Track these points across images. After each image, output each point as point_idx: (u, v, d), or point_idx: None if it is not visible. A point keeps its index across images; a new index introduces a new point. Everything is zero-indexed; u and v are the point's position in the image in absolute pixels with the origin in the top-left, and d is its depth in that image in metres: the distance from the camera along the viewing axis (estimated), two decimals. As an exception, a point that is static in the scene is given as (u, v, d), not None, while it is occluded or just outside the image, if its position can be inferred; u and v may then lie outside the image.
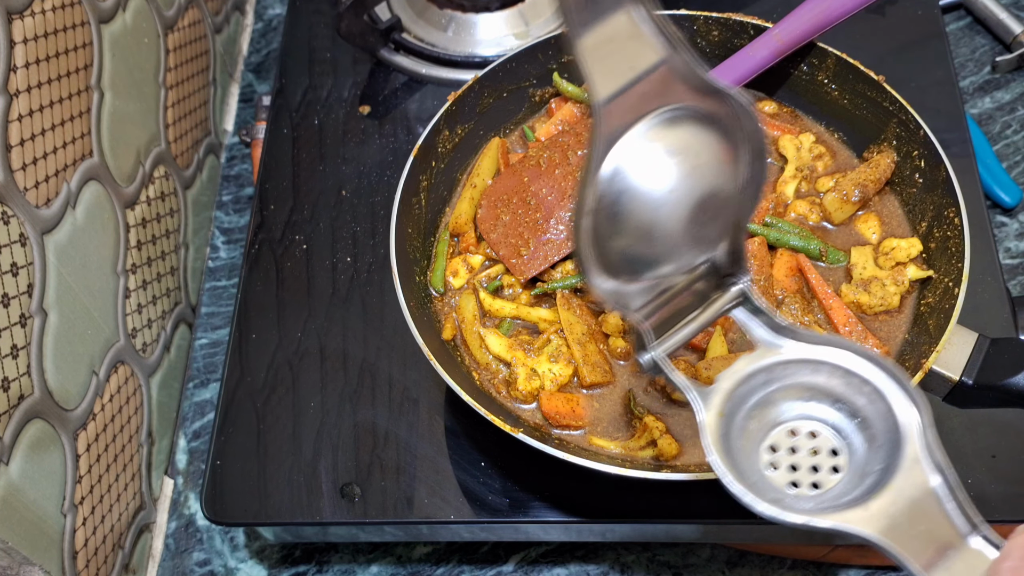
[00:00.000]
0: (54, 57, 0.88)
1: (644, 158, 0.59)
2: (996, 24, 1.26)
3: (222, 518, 0.90)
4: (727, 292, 0.69)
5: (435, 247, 0.98)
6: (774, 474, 0.63)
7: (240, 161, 1.28)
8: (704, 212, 0.62)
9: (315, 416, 0.95)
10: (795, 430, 0.64)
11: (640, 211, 0.60)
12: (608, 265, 0.62)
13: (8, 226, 0.80)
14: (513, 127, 1.07)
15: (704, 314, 0.70)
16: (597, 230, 0.60)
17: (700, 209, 0.62)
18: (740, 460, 0.62)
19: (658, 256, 0.63)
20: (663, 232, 0.62)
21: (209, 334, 1.14)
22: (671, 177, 0.60)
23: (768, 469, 0.63)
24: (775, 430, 0.64)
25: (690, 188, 0.61)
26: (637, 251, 0.62)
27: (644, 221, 0.60)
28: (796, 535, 0.92)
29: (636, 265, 0.64)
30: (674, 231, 0.62)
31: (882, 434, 0.60)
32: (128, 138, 1.04)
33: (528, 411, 0.87)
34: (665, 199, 0.60)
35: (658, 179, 0.60)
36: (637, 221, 0.60)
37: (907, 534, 0.55)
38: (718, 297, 0.69)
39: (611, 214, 0.60)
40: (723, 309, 0.70)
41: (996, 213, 1.14)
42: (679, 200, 0.60)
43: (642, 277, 0.65)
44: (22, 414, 0.81)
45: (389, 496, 0.90)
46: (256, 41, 1.38)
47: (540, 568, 0.98)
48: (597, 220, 0.60)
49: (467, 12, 1.22)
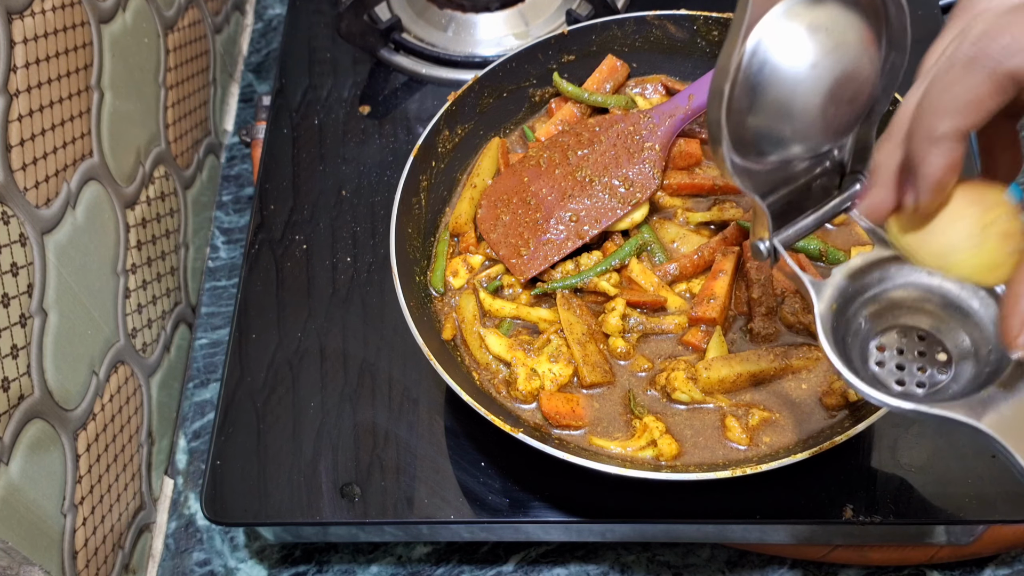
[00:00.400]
0: (54, 57, 0.88)
1: (788, 32, 0.59)
2: (996, 24, 1.26)
3: (222, 518, 0.90)
4: (850, 188, 0.69)
5: (435, 247, 0.98)
6: (881, 371, 0.64)
7: (240, 161, 1.28)
8: (842, 93, 0.62)
9: (315, 416, 0.95)
10: (904, 331, 0.65)
11: (780, 85, 0.60)
12: (738, 141, 0.62)
13: (8, 226, 0.80)
14: (513, 127, 1.07)
15: (823, 208, 0.70)
16: (733, 103, 0.60)
17: (839, 89, 0.62)
18: (849, 354, 0.63)
19: (790, 136, 0.63)
20: (800, 109, 0.61)
21: (209, 334, 1.14)
22: (814, 52, 0.60)
23: (875, 367, 0.64)
24: (885, 329, 0.65)
25: (831, 66, 0.61)
26: (771, 128, 0.62)
27: (783, 95, 0.60)
28: (795, 535, 0.92)
29: (766, 144, 0.63)
30: (811, 109, 0.62)
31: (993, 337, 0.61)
32: (128, 138, 1.04)
33: (528, 411, 0.87)
34: (806, 75, 0.60)
35: (801, 53, 0.60)
36: (776, 94, 0.60)
37: (1015, 430, 0.56)
38: (839, 194, 0.70)
39: (750, 86, 0.60)
40: (844, 205, 0.70)
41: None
42: (819, 77, 0.60)
43: (769, 159, 0.64)
44: (22, 414, 0.81)
45: (389, 496, 0.90)
46: (256, 41, 1.38)
47: (540, 568, 0.98)
48: (735, 92, 0.60)
49: (467, 12, 1.22)
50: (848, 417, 0.84)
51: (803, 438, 0.84)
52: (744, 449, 0.84)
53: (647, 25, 1.04)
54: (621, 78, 1.06)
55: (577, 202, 0.95)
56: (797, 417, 0.85)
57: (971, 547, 0.92)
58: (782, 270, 0.69)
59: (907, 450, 0.88)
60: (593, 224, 0.94)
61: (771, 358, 0.86)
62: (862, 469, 0.87)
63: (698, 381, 0.85)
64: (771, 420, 0.85)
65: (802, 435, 0.84)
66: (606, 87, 1.05)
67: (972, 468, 0.86)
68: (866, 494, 0.86)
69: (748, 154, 0.64)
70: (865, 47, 0.62)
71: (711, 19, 1.02)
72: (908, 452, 0.88)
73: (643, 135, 0.96)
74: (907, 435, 0.88)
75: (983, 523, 0.87)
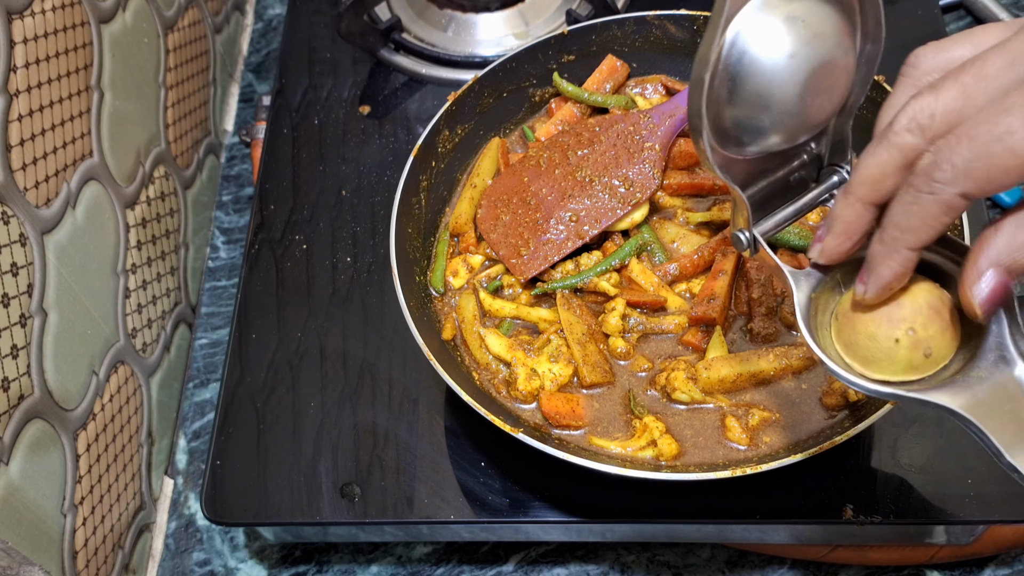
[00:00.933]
0: (54, 57, 0.88)
1: (766, 23, 0.61)
2: (996, 24, 1.26)
3: (222, 518, 0.90)
4: (827, 181, 0.72)
5: (435, 247, 0.98)
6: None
7: (240, 161, 1.28)
8: (820, 83, 0.64)
9: (315, 416, 0.95)
10: None
11: (758, 75, 0.62)
12: (719, 131, 0.64)
13: (8, 226, 0.80)
14: (513, 127, 1.07)
15: (802, 200, 0.72)
16: (713, 93, 0.62)
17: (816, 79, 0.63)
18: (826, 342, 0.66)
19: (769, 126, 0.65)
20: (779, 99, 0.63)
21: (209, 334, 1.14)
22: (791, 43, 0.62)
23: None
24: None
25: (809, 56, 0.62)
26: (750, 118, 0.64)
27: (761, 85, 0.62)
28: (795, 535, 0.92)
29: (746, 134, 0.65)
30: (789, 99, 0.63)
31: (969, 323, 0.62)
32: (128, 138, 1.04)
33: (528, 411, 0.87)
34: (784, 64, 0.62)
35: (778, 44, 0.61)
36: (755, 84, 0.62)
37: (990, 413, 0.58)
38: (816, 186, 0.72)
39: (730, 76, 0.62)
40: (821, 197, 0.72)
41: (996, 213, 1.14)
42: (797, 67, 0.62)
43: (748, 149, 0.66)
44: (22, 414, 0.81)
45: (389, 496, 0.90)
46: (256, 41, 1.38)
47: (540, 568, 0.98)
48: (715, 82, 0.61)
49: (467, 12, 1.22)
50: (848, 417, 0.84)
51: (803, 438, 0.84)
52: (744, 449, 0.84)
53: (647, 25, 1.04)
54: (621, 78, 1.06)
55: (577, 202, 0.95)
56: (797, 417, 0.85)
57: (971, 547, 0.92)
58: (762, 260, 0.70)
59: (907, 450, 0.88)
60: (593, 224, 0.94)
61: (771, 358, 0.86)
62: (862, 469, 0.87)
63: (698, 381, 0.85)
64: (771, 420, 0.85)
65: (802, 435, 0.84)
66: (606, 87, 1.05)
67: (972, 468, 0.86)
68: (866, 494, 0.86)
69: (728, 145, 0.65)
70: (841, 38, 0.63)
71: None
72: (908, 452, 0.88)
73: (643, 135, 0.96)
74: (907, 435, 0.88)
75: (983, 523, 0.87)
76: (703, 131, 0.63)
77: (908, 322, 0.61)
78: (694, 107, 0.62)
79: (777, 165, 0.70)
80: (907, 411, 0.89)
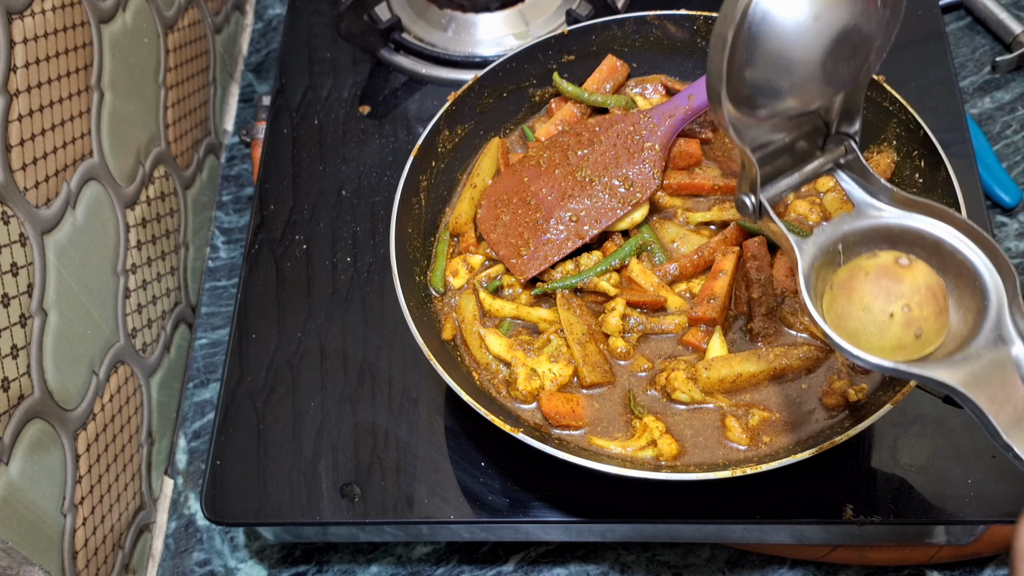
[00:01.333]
0: (54, 57, 0.88)
1: None
2: (996, 24, 1.26)
3: (222, 518, 0.90)
4: (834, 150, 0.72)
5: (435, 247, 0.98)
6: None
7: (240, 161, 1.28)
8: (842, 47, 0.63)
9: (315, 416, 0.95)
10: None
11: (782, 36, 0.61)
12: (733, 92, 0.64)
13: (8, 226, 0.80)
14: (513, 127, 1.07)
15: (808, 167, 0.72)
16: (733, 54, 0.61)
17: (839, 43, 0.63)
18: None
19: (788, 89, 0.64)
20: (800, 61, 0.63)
21: (209, 334, 1.14)
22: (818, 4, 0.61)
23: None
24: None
25: (833, 19, 0.62)
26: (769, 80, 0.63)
27: (784, 46, 0.62)
28: (795, 535, 0.92)
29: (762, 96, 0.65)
30: (811, 62, 0.63)
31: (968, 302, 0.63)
32: (128, 138, 1.04)
33: (528, 411, 0.87)
34: (809, 26, 0.61)
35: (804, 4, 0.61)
36: (777, 45, 0.61)
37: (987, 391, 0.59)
38: (821, 155, 0.72)
39: (751, 36, 0.61)
40: (827, 165, 0.72)
41: (996, 213, 1.14)
42: (822, 30, 0.62)
43: (761, 112, 0.66)
44: (22, 414, 0.81)
45: (389, 496, 0.90)
46: (256, 41, 1.38)
47: (540, 568, 0.98)
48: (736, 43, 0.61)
49: (467, 12, 1.22)
50: (848, 417, 0.84)
51: (803, 438, 0.84)
52: (744, 449, 0.84)
53: (647, 25, 1.04)
54: (621, 78, 1.06)
55: (577, 202, 0.95)
56: (797, 417, 0.85)
57: (971, 547, 0.92)
58: (766, 226, 0.70)
59: (907, 450, 0.88)
60: (593, 224, 0.94)
61: (771, 358, 0.86)
62: (862, 469, 0.87)
63: (698, 381, 0.85)
64: (771, 420, 0.85)
65: (802, 435, 0.84)
66: (606, 87, 1.05)
67: (972, 468, 0.86)
68: (866, 494, 0.86)
69: (742, 106, 0.65)
70: (865, 4, 0.63)
71: (711, 19, 1.02)
72: (908, 452, 0.88)
73: (643, 135, 0.96)
74: (907, 435, 0.88)
75: (983, 523, 0.87)
76: (723, 90, 0.62)
77: (905, 298, 0.61)
78: (714, 65, 0.61)
79: (786, 131, 0.70)
80: (907, 411, 0.89)
